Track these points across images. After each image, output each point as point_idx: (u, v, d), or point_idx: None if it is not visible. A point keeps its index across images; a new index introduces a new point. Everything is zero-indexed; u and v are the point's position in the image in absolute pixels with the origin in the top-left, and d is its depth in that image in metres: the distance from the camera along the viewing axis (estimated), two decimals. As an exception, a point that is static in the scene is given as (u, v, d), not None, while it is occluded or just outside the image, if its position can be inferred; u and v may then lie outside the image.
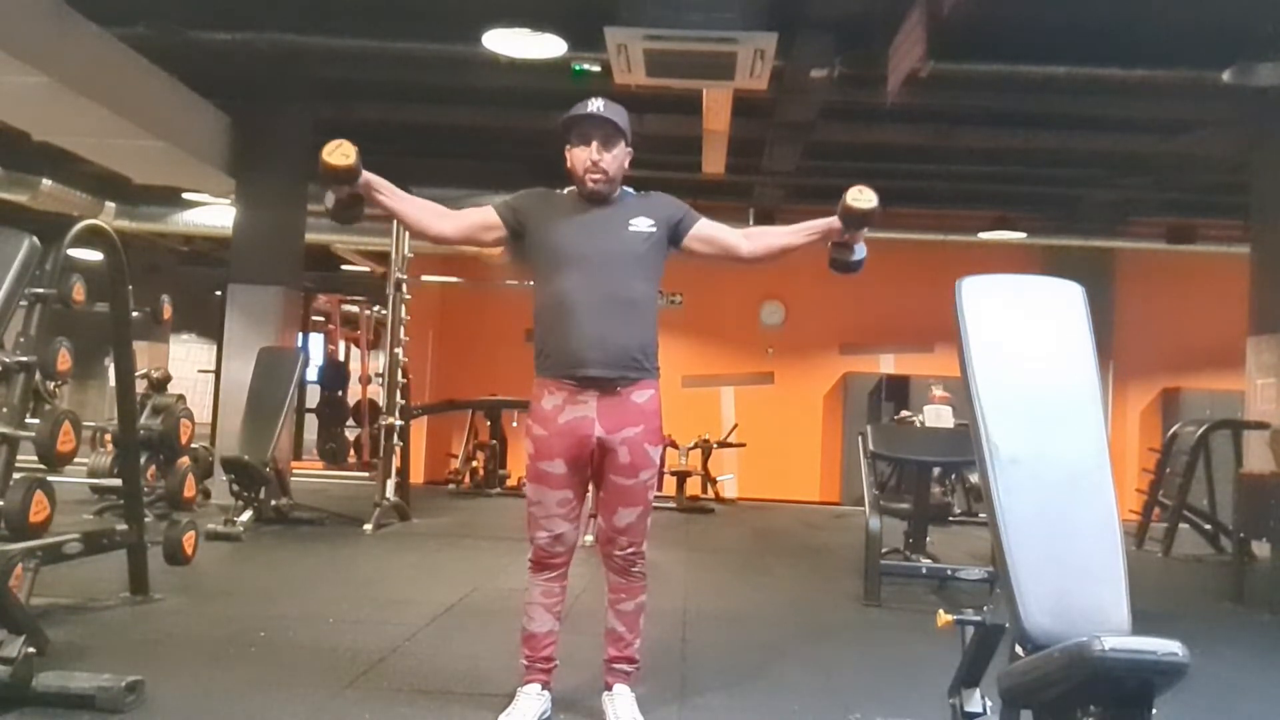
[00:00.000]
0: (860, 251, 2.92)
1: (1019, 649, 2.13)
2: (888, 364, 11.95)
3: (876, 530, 5.25)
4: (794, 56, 6.18)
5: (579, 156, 2.95)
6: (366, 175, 2.83)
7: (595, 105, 2.95)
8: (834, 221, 2.95)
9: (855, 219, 2.82)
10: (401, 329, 7.87)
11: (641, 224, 2.95)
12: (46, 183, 9.22)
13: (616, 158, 2.96)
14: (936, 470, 6.99)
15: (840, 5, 5.93)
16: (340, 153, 2.73)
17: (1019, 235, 11.00)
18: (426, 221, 3.01)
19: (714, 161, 8.60)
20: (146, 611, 4.31)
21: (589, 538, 5.34)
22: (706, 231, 3.03)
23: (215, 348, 12.58)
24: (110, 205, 10.19)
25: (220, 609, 4.48)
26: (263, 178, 8.38)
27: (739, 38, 5.32)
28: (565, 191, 3.08)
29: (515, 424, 10.73)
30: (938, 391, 8.67)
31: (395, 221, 7.90)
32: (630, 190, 3.08)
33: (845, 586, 5.65)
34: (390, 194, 2.93)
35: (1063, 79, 6.42)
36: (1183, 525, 8.06)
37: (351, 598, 4.83)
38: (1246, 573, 6.03)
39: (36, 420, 3.50)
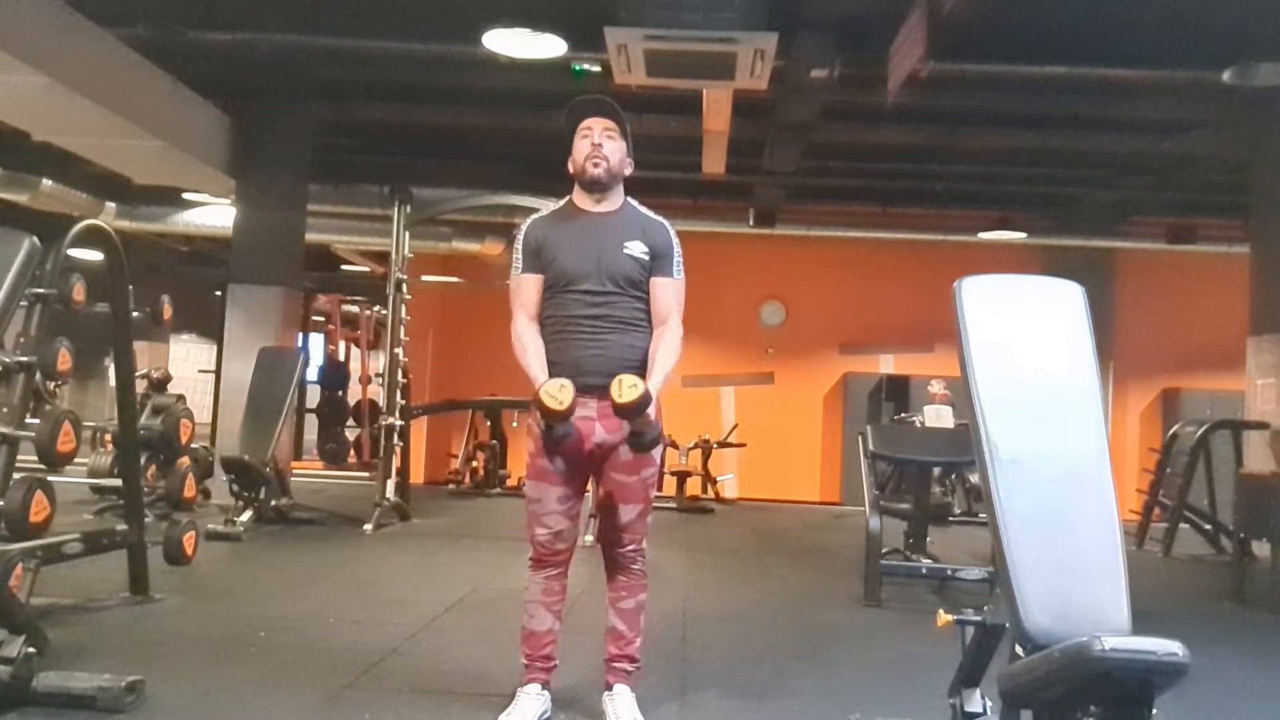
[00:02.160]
0: (652, 430, 2.86)
1: (1019, 649, 2.13)
2: (888, 364, 11.95)
3: (876, 530, 5.25)
4: (794, 56, 6.18)
5: (580, 146, 3.01)
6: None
7: (598, 97, 3.03)
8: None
9: (623, 413, 2.77)
10: (401, 329, 7.87)
11: (635, 248, 2.99)
12: (46, 183, 9.22)
13: (618, 150, 3.01)
14: (936, 470, 6.99)
15: (840, 5, 5.93)
16: (557, 400, 2.74)
17: (1019, 235, 11.00)
18: (539, 339, 2.99)
19: (714, 161, 8.60)
20: (146, 611, 4.31)
21: (589, 537, 5.35)
22: (658, 290, 3.01)
23: (215, 348, 12.60)
24: (110, 205, 10.20)
25: (220, 609, 4.48)
26: (263, 178, 8.38)
27: (739, 38, 5.32)
28: (563, 202, 3.11)
29: (515, 424, 10.74)
30: (936, 389, 8.68)
31: (395, 222, 7.99)
32: (635, 203, 3.10)
33: (845, 586, 5.65)
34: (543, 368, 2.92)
35: (1063, 79, 6.42)
36: (1183, 525, 8.06)
37: (351, 598, 4.83)
38: (1246, 573, 6.03)
39: (36, 420, 3.51)
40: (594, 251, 2.98)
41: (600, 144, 2.98)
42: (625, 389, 2.72)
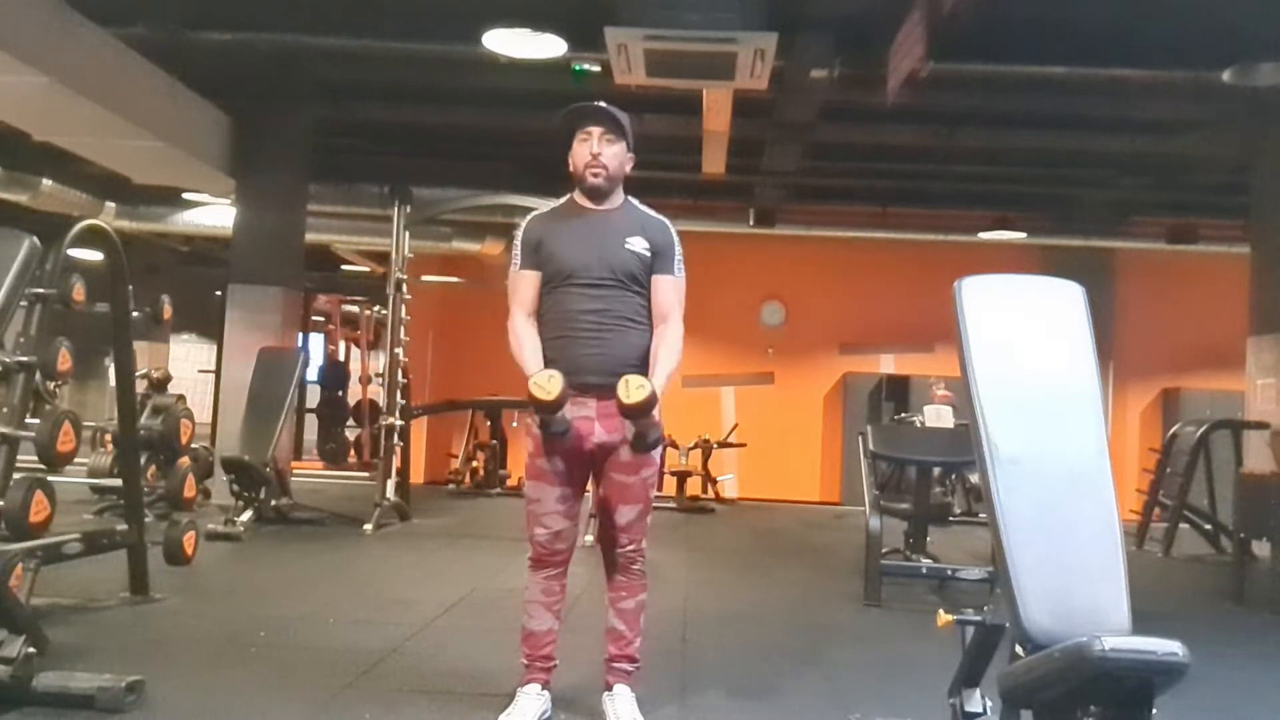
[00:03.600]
0: (655, 431, 2.85)
1: (1019, 649, 2.13)
2: (888, 364, 11.95)
3: (876, 530, 5.25)
4: (794, 56, 6.18)
5: (580, 152, 3.00)
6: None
7: (598, 102, 3.01)
8: None
9: (631, 414, 2.76)
10: (401, 329, 7.87)
11: (637, 244, 2.99)
12: (46, 183, 9.22)
13: (617, 155, 3.00)
14: (936, 470, 6.98)
15: (840, 5, 5.93)
16: (545, 390, 2.72)
17: (1019, 235, 10.99)
18: (536, 336, 2.99)
19: (714, 161, 8.60)
20: (146, 611, 4.31)
21: (589, 537, 5.34)
22: (658, 287, 3.01)
23: (215, 348, 12.59)
24: (110, 205, 10.19)
25: (220, 609, 4.48)
26: (263, 178, 8.38)
27: (739, 38, 5.32)
28: (564, 200, 3.10)
29: (515, 424, 10.74)
30: (940, 391, 8.68)
31: (395, 222, 7.98)
32: (635, 202, 3.10)
33: (845, 586, 5.65)
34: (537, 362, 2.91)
35: (1063, 79, 6.42)
36: (1183, 525, 8.06)
37: (351, 598, 4.83)
38: (1246, 573, 6.03)
39: (36, 420, 3.50)
40: (594, 245, 2.97)
41: (599, 152, 2.97)
42: (633, 390, 2.71)
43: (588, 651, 3.38)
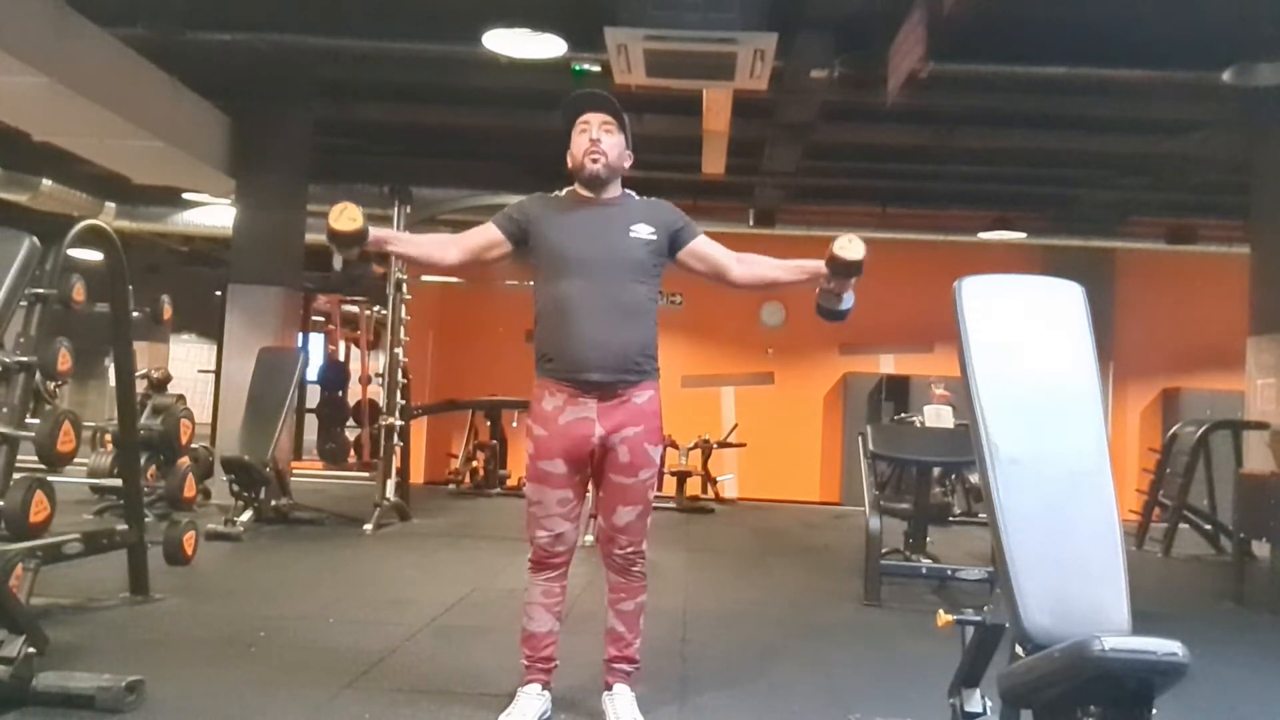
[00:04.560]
0: (848, 301, 2.86)
1: (1019, 649, 2.13)
2: (888, 364, 11.95)
3: (876, 530, 5.25)
4: (794, 56, 6.18)
5: (579, 142, 2.99)
6: (373, 231, 2.78)
7: (594, 91, 3.03)
8: (823, 267, 2.91)
9: (842, 269, 2.78)
10: (401, 329, 7.87)
11: (643, 230, 2.96)
12: (46, 183, 9.22)
13: (616, 145, 2.99)
14: (936, 470, 6.99)
15: (840, 5, 5.93)
16: (347, 216, 2.68)
17: (1019, 235, 10.99)
18: (435, 255, 3.01)
19: (714, 162, 8.59)
20: (146, 611, 4.31)
21: (589, 538, 5.35)
22: (702, 249, 3.04)
23: (215, 348, 12.58)
24: (110, 205, 10.20)
25: (220, 609, 4.48)
26: (263, 178, 8.38)
27: (739, 38, 5.31)
28: (564, 192, 3.09)
29: (515, 424, 10.73)
30: (939, 390, 8.68)
31: (395, 222, 7.97)
32: (633, 194, 3.09)
33: (845, 586, 5.65)
34: (397, 240, 2.97)
35: (1063, 79, 6.42)
36: (1183, 525, 8.06)
37: (351, 598, 4.83)
38: (1246, 573, 6.04)
39: (36, 420, 3.50)
40: (596, 236, 2.94)
41: (598, 139, 2.95)
42: (853, 244, 2.76)
43: (588, 652, 3.38)
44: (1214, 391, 10.69)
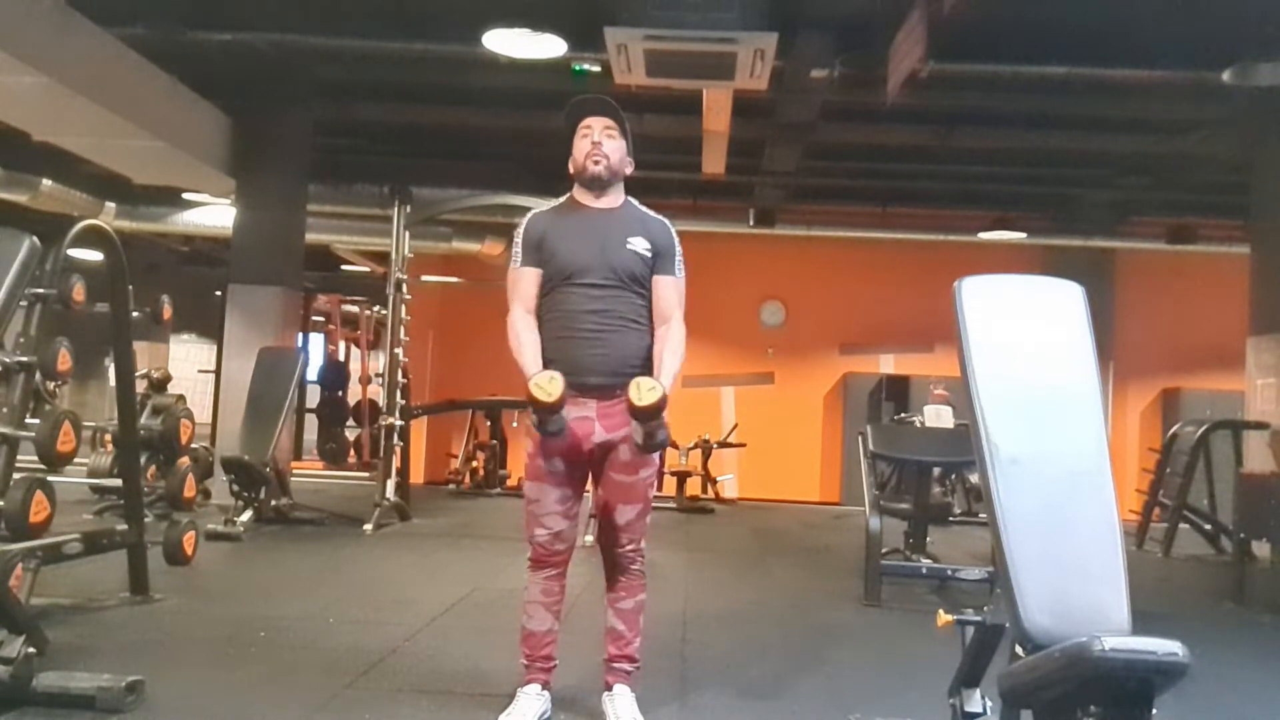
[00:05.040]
0: (663, 432, 2.82)
1: (1019, 649, 2.13)
2: (888, 364, 11.95)
3: (876, 530, 5.25)
4: (794, 56, 6.18)
5: (580, 145, 3.01)
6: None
7: (597, 96, 3.04)
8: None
9: (642, 415, 2.73)
10: (401, 329, 7.87)
11: (639, 245, 2.98)
12: (46, 183, 9.22)
13: (618, 149, 3.01)
14: (936, 470, 6.99)
15: (840, 5, 5.94)
16: (546, 392, 2.70)
17: (1019, 235, 11.00)
18: (537, 334, 2.97)
19: (714, 162, 8.60)
20: (146, 611, 4.31)
21: (589, 537, 5.34)
22: (661, 289, 3.00)
23: (215, 348, 12.59)
24: (110, 205, 10.19)
25: (220, 609, 4.48)
26: (263, 178, 8.38)
27: (739, 38, 5.32)
28: (564, 199, 3.10)
29: (515, 424, 10.73)
30: (937, 390, 8.69)
31: (395, 222, 7.98)
32: (635, 202, 3.10)
33: (845, 586, 5.65)
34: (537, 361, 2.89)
35: (1062, 79, 6.42)
36: (1183, 525, 8.06)
37: (351, 598, 4.83)
38: (1246, 573, 6.04)
39: (36, 420, 3.50)
40: (596, 245, 2.96)
41: (600, 142, 2.98)
42: (645, 392, 2.69)
43: (588, 651, 3.38)
44: (1214, 391, 10.69)
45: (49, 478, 3.55)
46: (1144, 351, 11.52)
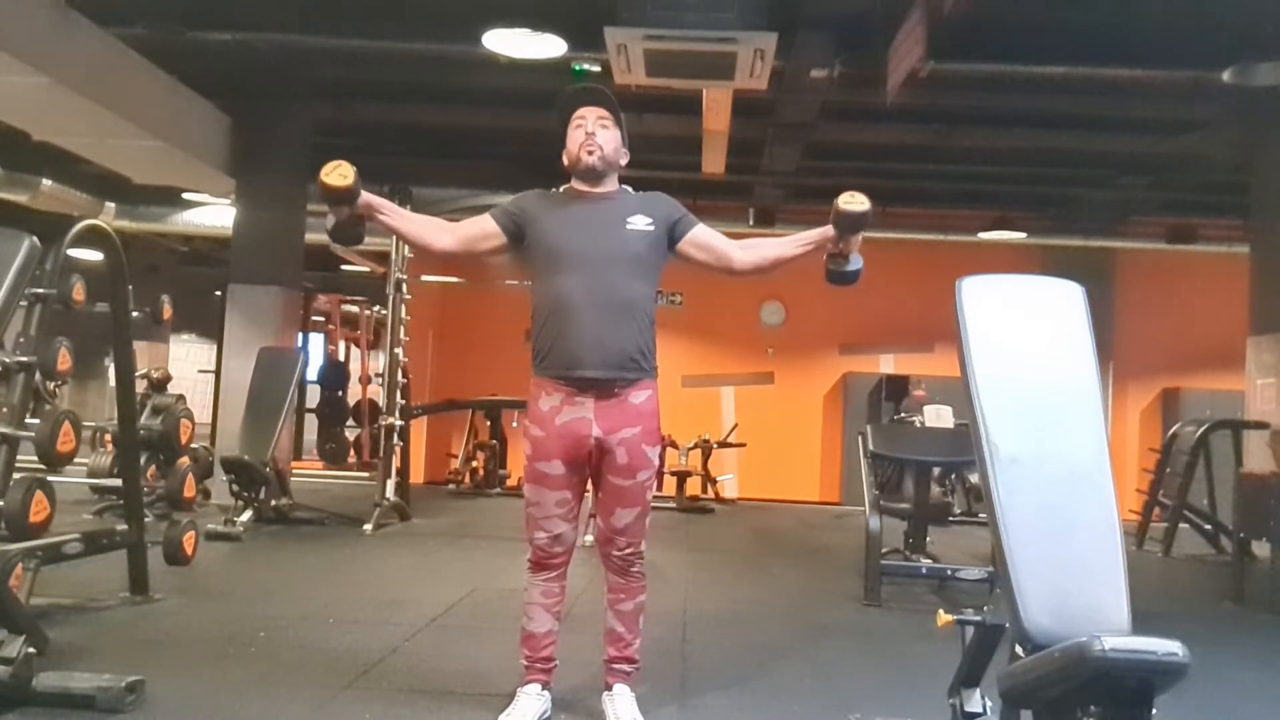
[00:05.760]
0: (856, 262, 2.85)
1: (1019, 649, 2.13)
2: (888, 364, 11.95)
3: (876, 530, 5.25)
4: (794, 56, 6.18)
5: (574, 137, 2.99)
6: (366, 196, 2.82)
7: (590, 86, 3.05)
8: (828, 230, 2.87)
9: (848, 222, 2.76)
10: (401, 329, 7.87)
11: (639, 222, 2.93)
12: (46, 183, 9.22)
13: (612, 139, 2.98)
14: (936, 470, 6.98)
15: (840, 5, 5.94)
16: (339, 173, 2.70)
17: (1019, 235, 11.00)
18: (428, 237, 3.01)
19: (714, 161, 8.60)
20: (146, 611, 4.31)
21: (588, 538, 5.34)
22: (703, 238, 3.01)
23: (215, 348, 12.58)
24: (110, 205, 10.20)
25: (220, 609, 4.48)
26: (263, 178, 8.38)
27: (739, 38, 5.32)
28: (562, 189, 3.09)
29: (515, 424, 10.74)
30: (917, 391, 8.73)
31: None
32: (629, 189, 3.09)
33: (845, 586, 5.65)
34: (391, 212, 2.93)
35: (1062, 79, 6.42)
36: (1183, 525, 8.06)
37: (351, 598, 4.83)
38: (1246, 573, 6.03)
39: (36, 420, 3.50)
40: (593, 230, 2.92)
41: (594, 133, 2.95)
42: (857, 198, 2.73)
43: (588, 652, 3.38)
44: (1214, 391, 10.70)
45: (49, 478, 3.55)
46: (1144, 351, 11.53)
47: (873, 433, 5.92)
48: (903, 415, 9.31)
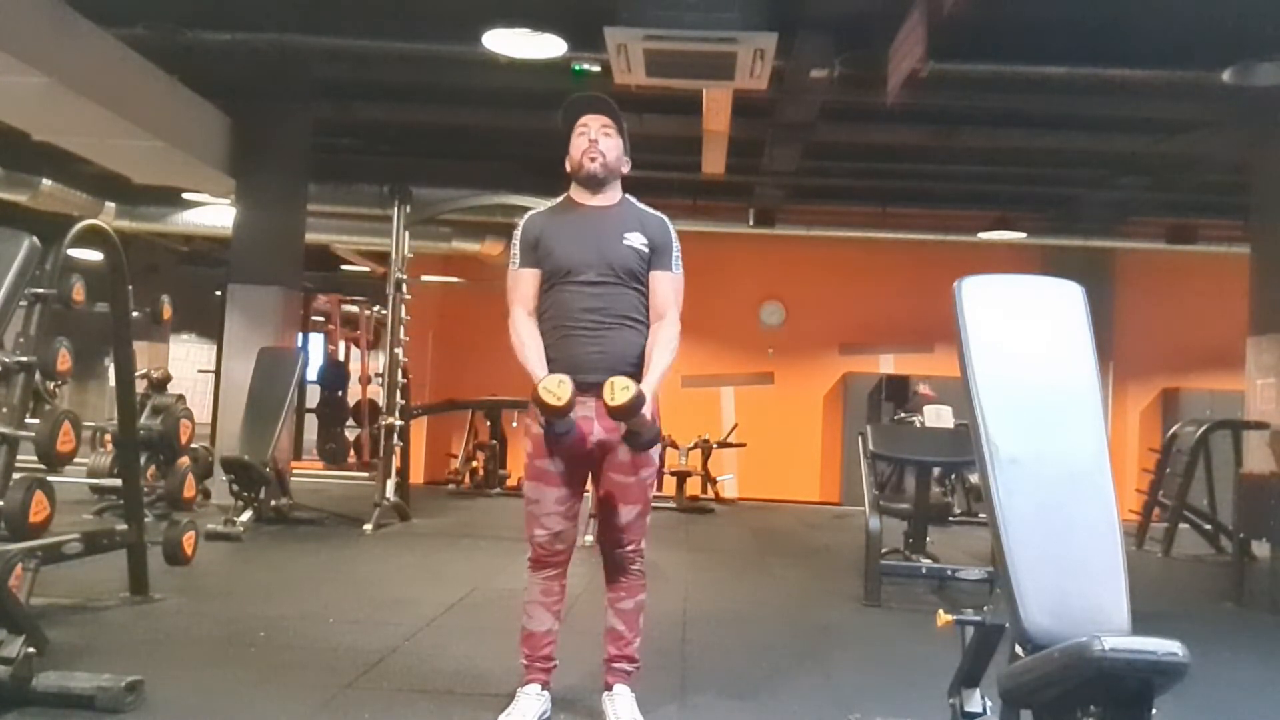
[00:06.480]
0: (649, 431, 2.83)
1: (1019, 649, 2.13)
2: (888, 364, 11.95)
3: (876, 530, 5.25)
4: (794, 56, 6.18)
5: (577, 144, 3.03)
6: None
7: (594, 95, 3.06)
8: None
9: (617, 415, 2.74)
10: (401, 329, 7.87)
11: (635, 240, 2.99)
12: (46, 183, 9.22)
13: (615, 147, 3.02)
14: (936, 470, 6.99)
15: (840, 5, 5.93)
16: (554, 395, 2.71)
17: (1019, 235, 11.00)
18: (539, 337, 2.97)
19: (714, 162, 8.60)
20: (146, 611, 4.31)
21: (589, 538, 5.34)
22: (657, 285, 3.00)
23: (215, 348, 12.58)
24: (110, 205, 10.19)
25: (220, 609, 4.48)
26: (263, 178, 8.38)
27: (739, 38, 5.32)
28: (561, 199, 3.11)
29: (515, 424, 10.74)
30: (922, 388, 8.72)
31: (395, 222, 7.99)
32: (633, 200, 3.10)
33: (845, 586, 5.65)
34: (540, 367, 2.89)
35: (1062, 79, 6.42)
36: (1183, 525, 8.06)
37: (351, 598, 4.83)
38: (1246, 573, 6.03)
39: (36, 420, 3.50)
40: (593, 242, 2.97)
41: (596, 140, 3.00)
42: (617, 392, 2.70)
43: (587, 651, 3.38)
44: (1214, 391, 10.70)
45: (49, 478, 3.55)
46: (1144, 351, 11.52)
47: (873, 433, 5.92)
48: (905, 414, 9.32)
